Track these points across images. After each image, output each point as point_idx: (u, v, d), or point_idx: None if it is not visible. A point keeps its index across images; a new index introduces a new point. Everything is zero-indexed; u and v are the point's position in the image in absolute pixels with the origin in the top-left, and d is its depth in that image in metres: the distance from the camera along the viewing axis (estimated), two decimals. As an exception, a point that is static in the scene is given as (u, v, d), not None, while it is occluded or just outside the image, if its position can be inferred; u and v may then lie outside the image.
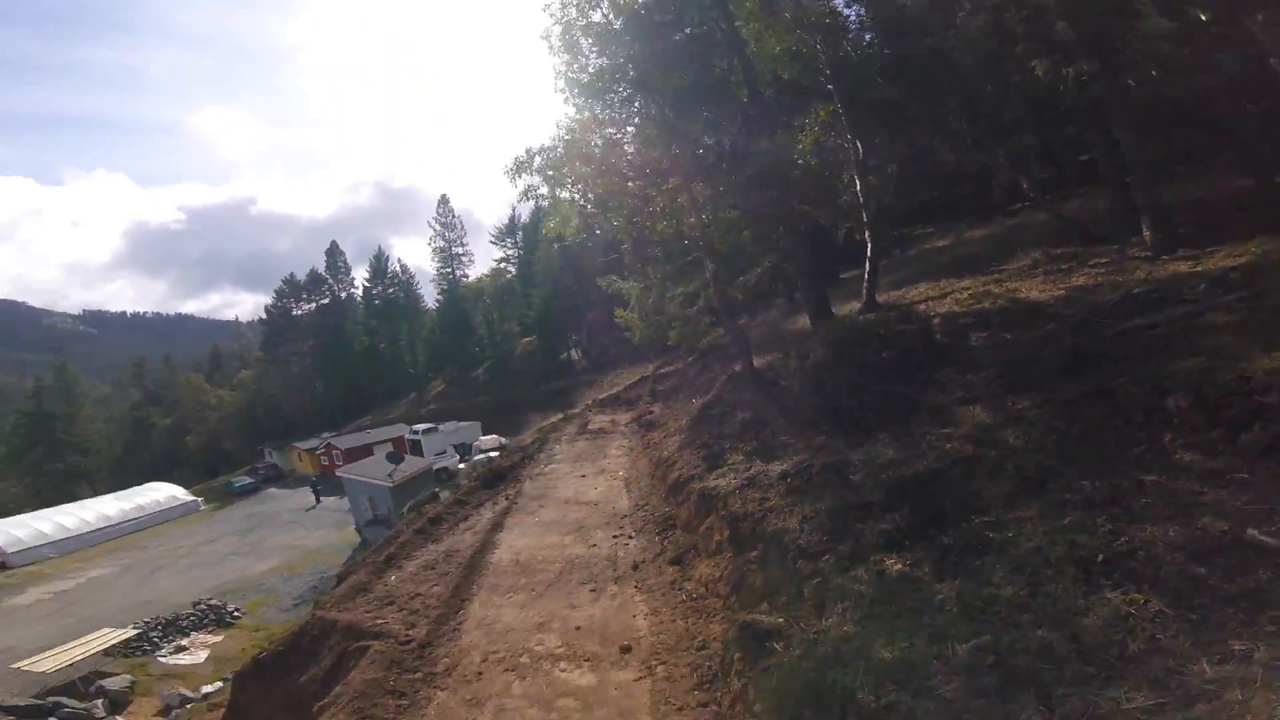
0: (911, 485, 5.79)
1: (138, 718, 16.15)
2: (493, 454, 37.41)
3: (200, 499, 43.54)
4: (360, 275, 71.99)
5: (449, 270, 65.14)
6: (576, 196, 14.16)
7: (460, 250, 65.74)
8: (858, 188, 14.13)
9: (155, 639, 20.06)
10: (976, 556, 4.13)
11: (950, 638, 3.33)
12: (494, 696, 5.60)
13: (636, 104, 13.27)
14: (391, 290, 70.95)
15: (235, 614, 21.64)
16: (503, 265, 67.16)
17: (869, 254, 14.25)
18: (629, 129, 13.49)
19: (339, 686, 6.52)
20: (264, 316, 75.16)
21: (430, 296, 71.50)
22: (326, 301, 70.10)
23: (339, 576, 14.57)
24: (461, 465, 36.56)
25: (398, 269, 72.34)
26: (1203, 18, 9.83)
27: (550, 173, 12.48)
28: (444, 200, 66.12)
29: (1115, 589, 3.24)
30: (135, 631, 20.09)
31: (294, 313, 70.54)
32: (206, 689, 16.84)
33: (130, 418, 74.35)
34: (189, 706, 16.03)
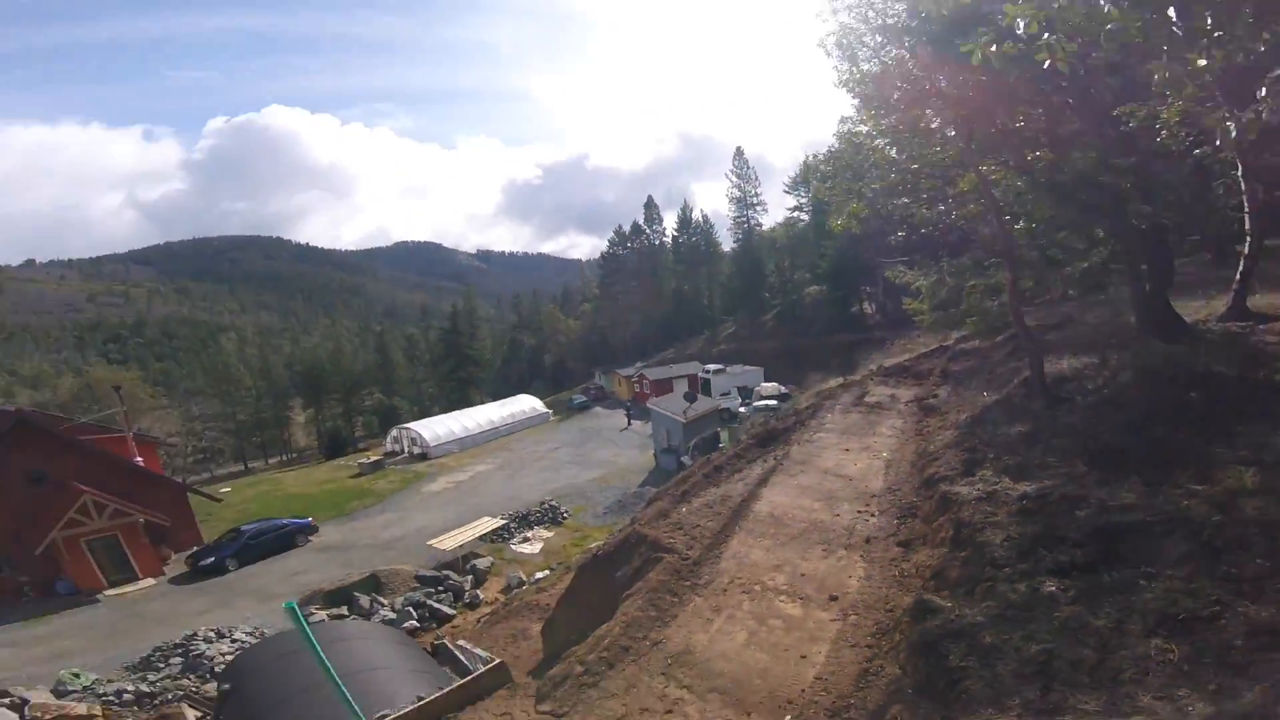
0: (1115, 531, 6.29)
1: (490, 592, 19.97)
2: (770, 402, 39.60)
3: (550, 411, 55.37)
4: (670, 223, 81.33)
5: (744, 218, 69.30)
6: (877, 185, 14.48)
7: (754, 199, 69.14)
8: (1239, 171, 11.86)
9: (511, 529, 24.89)
10: (1113, 595, 4.98)
11: (1035, 640, 4.52)
12: (729, 608, 8.10)
13: (927, 92, 12.99)
14: (694, 238, 78.83)
15: (564, 515, 26.59)
16: (795, 214, 67.93)
17: (1247, 249, 12.04)
18: (919, 123, 13.34)
19: (640, 582, 9.65)
20: (599, 258, 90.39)
21: (728, 242, 76.81)
22: (644, 248, 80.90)
23: (648, 500, 18.21)
24: (743, 409, 39.76)
25: (699, 218, 79.92)
26: None
27: (836, 177, 13.35)
28: (739, 152, 70.05)
29: (1163, 638, 4.00)
30: (503, 522, 25.23)
31: (620, 256, 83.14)
32: (538, 575, 19.82)
33: (508, 338, 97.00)
34: (523, 588, 18.83)
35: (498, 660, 9.60)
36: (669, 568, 9.67)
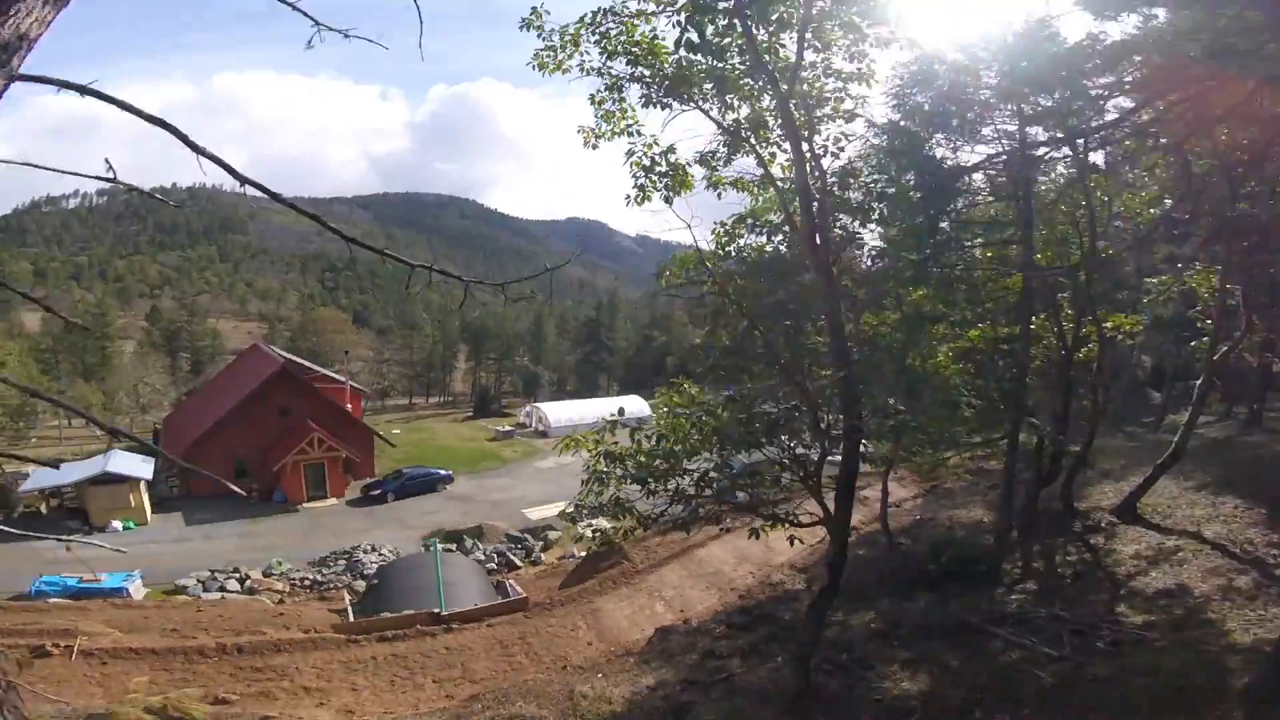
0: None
1: (551, 556, 24.90)
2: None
3: (654, 415, 61.99)
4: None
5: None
6: None
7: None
8: None
9: (584, 513, 31.90)
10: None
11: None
12: (634, 597, 14.48)
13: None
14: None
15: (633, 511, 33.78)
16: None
17: None
18: None
19: (605, 572, 16.24)
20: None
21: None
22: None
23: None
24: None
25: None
26: None
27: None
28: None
29: None
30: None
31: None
32: (582, 553, 22.79)
33: (640, 333, 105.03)
34: (570, 559, 23.18)
35: (525, 595, 16.64)
36: (622, 569, 16.20)
